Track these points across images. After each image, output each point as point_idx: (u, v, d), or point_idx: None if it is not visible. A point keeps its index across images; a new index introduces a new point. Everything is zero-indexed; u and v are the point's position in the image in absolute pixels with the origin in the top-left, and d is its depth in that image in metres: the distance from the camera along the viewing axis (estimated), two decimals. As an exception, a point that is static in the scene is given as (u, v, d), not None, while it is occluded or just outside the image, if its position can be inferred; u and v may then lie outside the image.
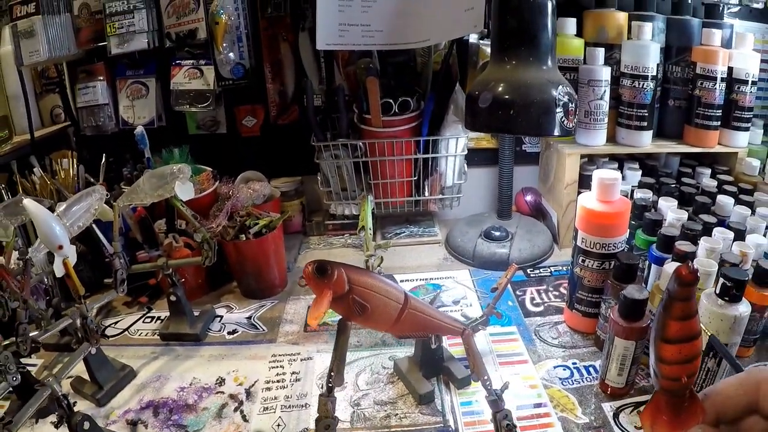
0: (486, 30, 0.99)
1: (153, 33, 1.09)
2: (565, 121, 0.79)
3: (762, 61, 1.02)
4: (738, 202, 0.89)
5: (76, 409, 0.62)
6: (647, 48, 0.99)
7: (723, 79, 1.00)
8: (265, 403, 0.74)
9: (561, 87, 0.78)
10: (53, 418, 0.63)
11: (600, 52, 1.00)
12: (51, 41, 1.07)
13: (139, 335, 0.91)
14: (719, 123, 1.02)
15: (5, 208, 0.77)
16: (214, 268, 0.92)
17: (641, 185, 0.99)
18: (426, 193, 1.15)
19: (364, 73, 1.03)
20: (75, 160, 1.08)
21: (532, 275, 1.03)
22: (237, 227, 0.96)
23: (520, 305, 0.94)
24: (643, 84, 1.00)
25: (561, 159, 1.06)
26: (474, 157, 1.21)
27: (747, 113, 1.01)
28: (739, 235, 0.79)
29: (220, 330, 0.91)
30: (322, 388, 0.76)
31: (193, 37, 1.08)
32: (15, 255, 0.77)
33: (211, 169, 1.10)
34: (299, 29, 1.12)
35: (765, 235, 0.81)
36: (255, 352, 0.85)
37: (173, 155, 1.10)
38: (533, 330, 0.87)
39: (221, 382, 0.79)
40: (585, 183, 1.05)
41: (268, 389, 0.77)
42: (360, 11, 0.95)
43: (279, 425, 0.70)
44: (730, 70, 1.00)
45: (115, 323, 0.94)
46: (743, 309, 0.65)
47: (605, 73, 1.00)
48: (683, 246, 0.74)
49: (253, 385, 0.78)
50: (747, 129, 1.03)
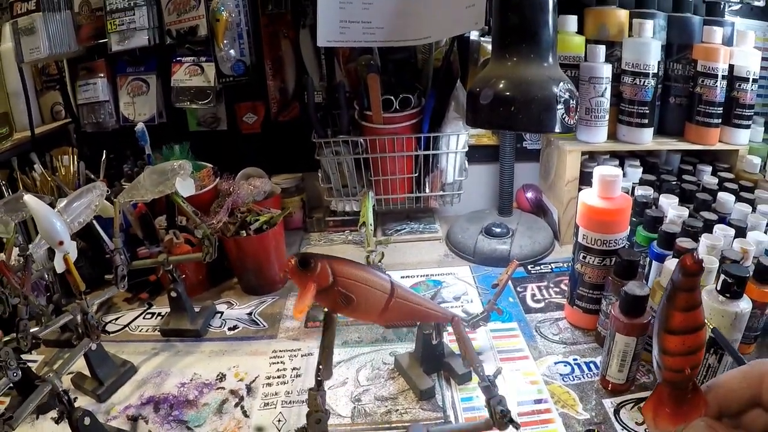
0: (487, 27, 0.99)
1: (153, 30, 1.08)
2: (566, 118, 0.79)
3: (763, 59, 1.02)
4: (739, 199, 0.89)
5: (76, 405, 0.62)
6: (648, 45, 0.98)
7: (724, 77, 0.99)
8: (266, 399, 0.74)
9: (562, 84, 0.78)
10: (54, 413, 0.63)
11: (601, 49, 1.00)
12: (51, 38, 1.07)
13: (140, 331, 0.91)
14: (720, 120, 1.02)
15: (6, 204, 0.77)
16: (214, 264, 0.92)
17: (642, 182, 0.99)
18: (427, 190, 1.15)
19: (365, 70, 1.03)
20: (75, 156, 1.08)
21: (532, 272, 1.03)
22: (238, 223, 0.96)
23: (520, 301, 0.94)
24: (644, 81, 1.00)
25: (562, 156, 1.06)
26: (475, 154, 1.21)
27: (748, 111, 1.01)
28: (740, 232, 0.79)
29: (220, 326, 0.91)
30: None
31: (194, 34, 1.08)
32: (15, 251, 0.76)
33: (212, 166, 1.10)
34: (300, 26, 1.12)
35: (766, 233, 0.81)
36: (256, 348, 0.86)
37: (174, 152, 1.10)
38: (534, 326, 0.87)
39: (222, 377, 0.79)
40: (586, 180, 1.05)
41: (268, 385, 0.77)
42: (361, 8, 0.95)
43: (280, 421, 0.70)
44: (731, 67, 1.00)
45: (116, 319, 0.94)
46: (744, 306, 0.65)
47: (606, 71, 1.00)
48: (684, 243, 0.74)
49: (254, 381, 0.78)
50: (748, 127, 1.03)
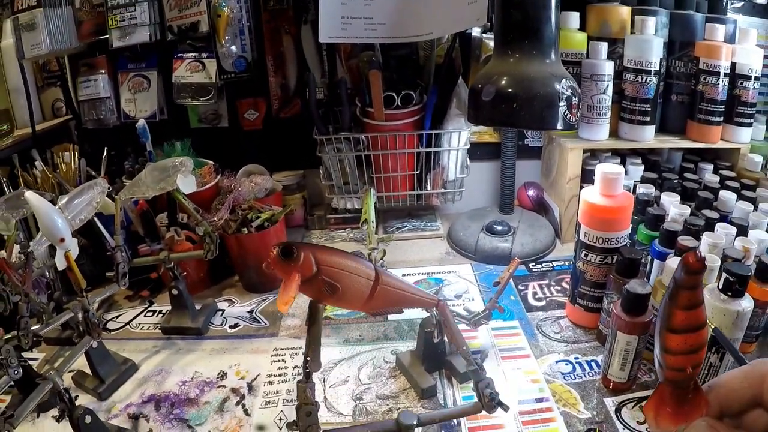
0: (489, 23, 0.99)
1: (155, 26, 1.08)
2: (569, 115, 0.79)
3: (765, 57, 1.02)
4: (740, 197, 0.89)
5: (77, 403, 0.62)
6: (650, 43, 0.98)
7: (726, 75, 0.99)
8: (267, 397, 0.74)
9: (564, 81, 0.78)
10: (55, 412, 0.63)
11: (603, 46, 1.00)
12: (52, 34, 1.07)
13: (141, 329, 0.91)
14: (722, 118, 1.02)
15: (7, 201, 0.77)
16: (215, 261, 0.92)
17: (644, 180, 0.99)
18: (428, 187, 1.15)
19: (366, 67, 1.03)
20: (76, 153, 1.07)
21: (534, 270, 1.03)
22: (239, 221, 0.96)
23: (522, 300, 0.94)
24: (646, 79, 1.00)
25: (563, 153, 1.06)
26: (476, 151, 1.20)
27: (750, 109, 1.01)
28: (742, 231, 0.79)
29: (221, 324, 0.91)
30: (324, 382, 0.76)
31: (195, 30, 1.07)
32: (16, 248, 0.76)
33: (213, 163, 1.10)
34: (302, 22, 1.11)
35: (767, 231, 0.81)
36: (257, 345, 0.85)
37: (175, 148, 1.10)
38: (535, 324, 0.87)
39: (223, 376, 0.79)
40: (587, 178, 1.05)
41: (270, 383, 0.77)
42: (363, 4, 0.95)
43: (281, 419, 0.70)
44: (733, 65, 0.99)
45: (117, 317, 0.94)
46: (746, 304, 0.65)
47: (608, 68, 1.00)
48: (686, 241, 0.74)
49: (255, 379, 0.78)
50: (750, 125, 1.03)
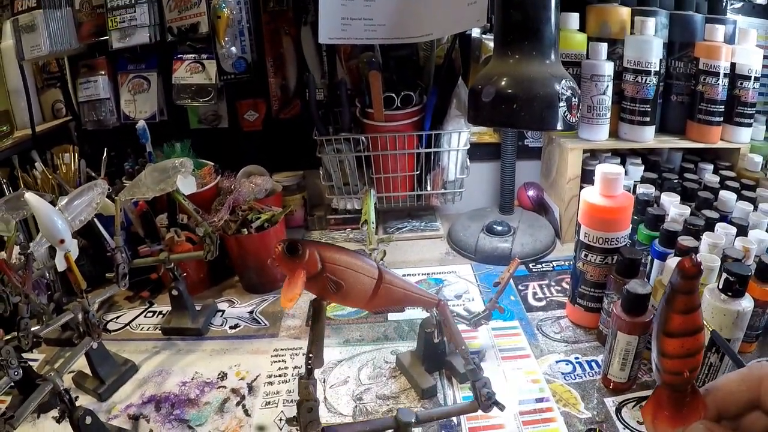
0: (489, 24, 0.99)
1: (155, 27, 1.08)
2: (568, 116, 0.79)
3: (765, 57, 1.02)
4: (740, 197, 0.89)
5: (77, 404, 0.62)
6: (650, 43, 0.98)
7: (726, 75, 0.99)
8: (267, 398, 0.74)
9: (564, 81, 0.78)
10: (55, 412, 0.63)
11: (603, 47, 1.00)
12: (52, 35, 1.07)
13: (141, 330, 0.91)
14: (722, 119, 1.02)
15: (7, 202, 0.77)
16: (215, 262, 0.92)
17: (644, 180, 0.99)
18: (428, 188, 1.15)
19: (366, 67, 1.03)
20: (76, 154, 1.07)
21: (534, 270, 1.03)
22: (239, 221, 0.96)
23: (522, 300, 0.94)
24: (646, 79, 1.00)
25: (563, 154, 1.06)
26: (476, 152, 1.20)
27: (750, 109, 1.01)
28: (742, 231, 0.79)
29: (221, 324, 0.91)
30: (324, 382, 0.76)
31: (195, 31, 1.08)
32: (16, 249, 0.76)
33: (213, 164, 1.10)
34: (301, 23, 1.11)
35: (767, 231, 0.81)
36: (257, 346, 0.85)
37: (175, 149, 1.09)
38: (536, 325, 0.87)
39: (223, 376, 0.79)
40: (587, 178, 1.05)
41: (270, 384, 0.77)
42: (362, 5, 0.95)
43: (281, 419, 0.70)
44: (732, 65, 0.99)
45: (117, 318, 0.94)
46: (746, 304, 0.65)
47: (608, 68, 1.00)
48: (686, 241, 0.74)
49: (255, 380, 0.78)
50: (750, 125, 1.03)
